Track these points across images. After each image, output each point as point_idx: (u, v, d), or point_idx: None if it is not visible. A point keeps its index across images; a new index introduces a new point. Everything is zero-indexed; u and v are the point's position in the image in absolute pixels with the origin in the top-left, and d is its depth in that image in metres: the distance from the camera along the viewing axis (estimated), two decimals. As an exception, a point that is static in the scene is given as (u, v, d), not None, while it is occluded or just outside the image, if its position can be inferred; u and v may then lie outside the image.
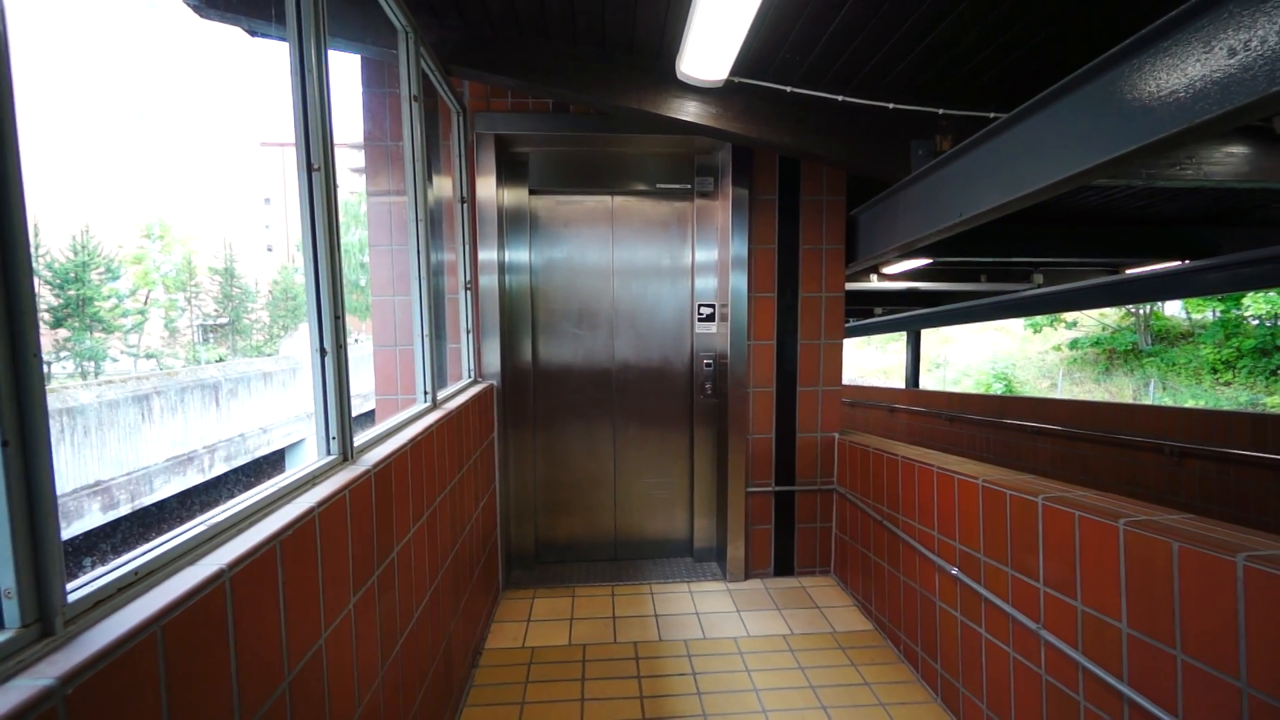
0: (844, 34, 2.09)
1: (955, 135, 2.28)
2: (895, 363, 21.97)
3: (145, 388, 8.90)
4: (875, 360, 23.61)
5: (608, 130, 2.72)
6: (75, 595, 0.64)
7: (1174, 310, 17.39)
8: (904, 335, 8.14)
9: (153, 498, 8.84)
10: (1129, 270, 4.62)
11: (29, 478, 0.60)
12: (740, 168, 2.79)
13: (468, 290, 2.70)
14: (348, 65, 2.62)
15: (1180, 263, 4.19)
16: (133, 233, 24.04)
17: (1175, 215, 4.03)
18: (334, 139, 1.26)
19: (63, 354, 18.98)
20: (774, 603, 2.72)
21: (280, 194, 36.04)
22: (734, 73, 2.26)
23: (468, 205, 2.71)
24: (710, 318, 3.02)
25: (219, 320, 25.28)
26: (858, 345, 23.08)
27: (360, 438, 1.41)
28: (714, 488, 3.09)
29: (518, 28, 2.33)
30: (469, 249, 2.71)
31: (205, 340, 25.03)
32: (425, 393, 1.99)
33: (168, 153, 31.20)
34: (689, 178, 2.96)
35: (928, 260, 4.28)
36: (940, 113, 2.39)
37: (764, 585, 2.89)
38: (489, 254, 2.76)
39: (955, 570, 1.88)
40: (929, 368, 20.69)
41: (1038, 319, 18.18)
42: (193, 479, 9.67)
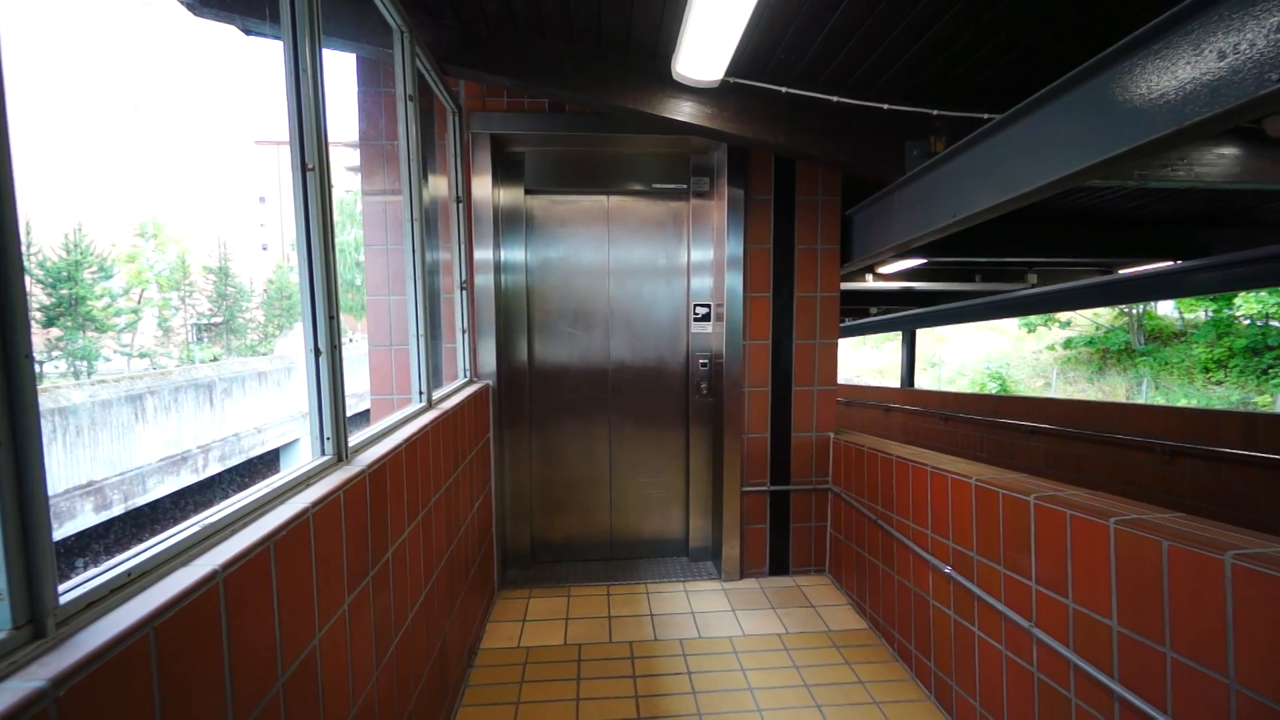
0: (839, 34, 2.09)
1: (949, 136, 2.30)
2: (890, 362, 22.04)
3: (139, 387, 8.85)
4: (871, 360, 23.68)
5: (603, 130, 2.72)
6: (67, 596, 0.64)
7: (1166, 310, 17.51)
8: (899, 335, 8.17)
9: (146, 498, 8.80)
10: (1122, 270, 4.66)
11: (20, 478, 0.60)
12: (736, 168, 2.79)
13: (463, 290, 2.69)
14: (343, 64, 2.62)
15: (1173, 263, 4.23)
16: (126, 231, 23.89)
17: (1168, 216, 4.06)
18: (329, 138, 1.26)
19: (55, 353, 18.84)
20: (769, 602, 2.72)
21: (275, 192, 35.88)
22: (729, 73, 2.26)
23: (463, 205, 2.70)
24: (706, 317, 3.03)
25: (213, 319, 25.15)
26: (853, 345, 23.14)
27: (355, 438, 1.41)
28: (709, 487, 3.09)
29: (514, 27, 2.33)
30: (464, 248, 2.71)
31: (199, 339, 24.90)
32: (420, 392, 1.99)
33: (162, 150, 31.01)
34: (685, 178, 2.96)
35: (923, 260, 4.30)
36: (935, 114, 2.40)
37: (759, 584, 2.90)
38: (485, 253, 2.76)
39: (948, 569, 1.89)
40: (924, 367, 20.77)
41: (1032, 319, 18.29)
42: (186, 479, 9.63)
